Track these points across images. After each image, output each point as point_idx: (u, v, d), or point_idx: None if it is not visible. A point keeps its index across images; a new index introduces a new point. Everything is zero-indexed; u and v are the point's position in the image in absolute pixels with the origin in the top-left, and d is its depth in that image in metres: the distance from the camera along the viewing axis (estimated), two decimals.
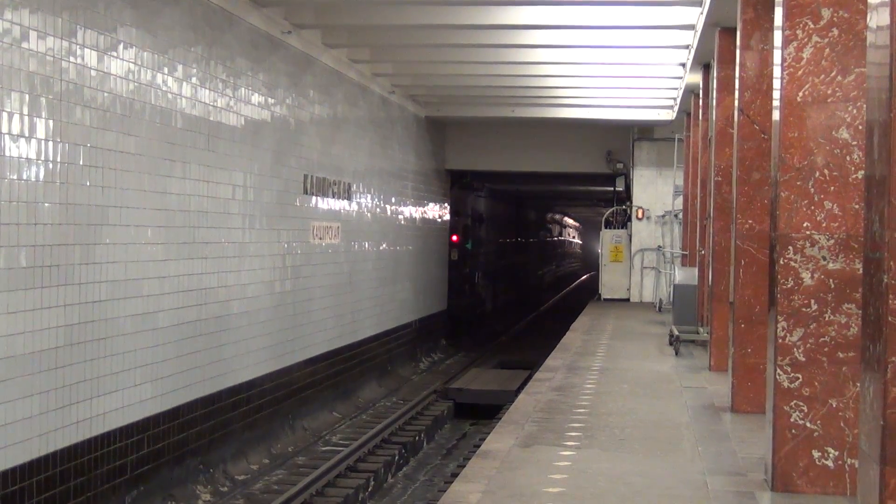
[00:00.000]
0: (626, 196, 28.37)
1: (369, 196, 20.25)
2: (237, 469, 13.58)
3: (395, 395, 20.59)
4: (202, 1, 12.68)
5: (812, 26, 7.34)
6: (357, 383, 19.43)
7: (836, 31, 7.32)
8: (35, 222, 9.39)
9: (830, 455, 7.35)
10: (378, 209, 20.96)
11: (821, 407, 7.34)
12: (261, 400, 14.69)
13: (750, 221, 11.15)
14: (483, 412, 19.17)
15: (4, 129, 8.98)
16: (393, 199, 22.18)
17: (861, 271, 5.74)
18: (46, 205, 9.55)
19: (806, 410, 7.35)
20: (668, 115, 23.92)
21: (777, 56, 7.55)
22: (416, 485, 14.86)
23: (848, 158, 7.31)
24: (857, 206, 7.22)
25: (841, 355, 7.31)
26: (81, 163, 10.06)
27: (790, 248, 7.36)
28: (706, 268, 15.75)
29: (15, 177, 9.12)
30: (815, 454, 7.36)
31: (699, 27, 14.52)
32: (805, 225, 7.34)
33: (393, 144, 22.32)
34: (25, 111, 9.24)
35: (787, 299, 7.36)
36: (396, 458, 15.50)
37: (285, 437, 15.45)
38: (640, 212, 27.47)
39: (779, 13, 7.54)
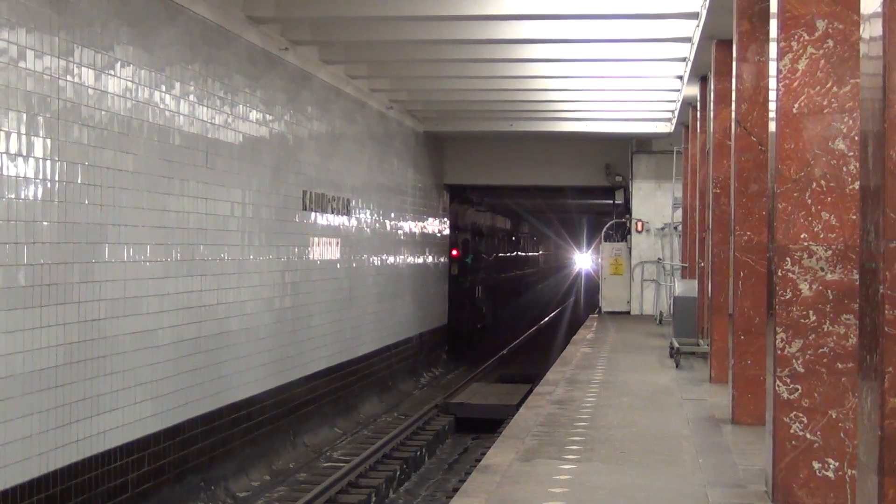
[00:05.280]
0: (626, 209, 28.38)
1: (368, 211, 20.26)
2: (238, 486, 13.56)
3: (395, 411, 20.57)
4: (199, 18, 12.70)
5: (807, 38, 7.35)
6: (358, 399, 19.41)
7: (830, 43, 7.32)
8: (33, 241, 9.39)
9: (831, 466, 7.33)
10: (377, 224, 20.96)
11: (821, 418, 7.33)
12: (261, 416, 14.68)
13: (748, 233, 11.15)
14: (484, 426, 19.14)
15: (2, 148, 8.99)
16: (392, 215, 22.18)
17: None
18: (45, 223, 9.55)
19: (806, 421, 7.34)
20: (667, 128, 23.94)
21: (773, 68, 7.56)
22: (417, 500, 14.84)
23: (844, 169, 7.30)
24: (854, 217, 7.21)
25: (840, 366, 7.30)
26: (79, 181, 10.07)
27: (788, 259, 7.35)
28: (706, 280, 15.75)
29: (13, 195, 9.13)
30: (816, 465, 7.34)
31: (696, 40, 14.54)
32: (803, 236, 7.33)
33: (391, 159, 22.34)
34: (23, 130, 9.25)
35: (786, 310, 7.35)
36: (398, 473, 15.47)
37: (286, 454, 15.43)
38: (639, 224, 27.47)
39: (774, 25, 7.55)
